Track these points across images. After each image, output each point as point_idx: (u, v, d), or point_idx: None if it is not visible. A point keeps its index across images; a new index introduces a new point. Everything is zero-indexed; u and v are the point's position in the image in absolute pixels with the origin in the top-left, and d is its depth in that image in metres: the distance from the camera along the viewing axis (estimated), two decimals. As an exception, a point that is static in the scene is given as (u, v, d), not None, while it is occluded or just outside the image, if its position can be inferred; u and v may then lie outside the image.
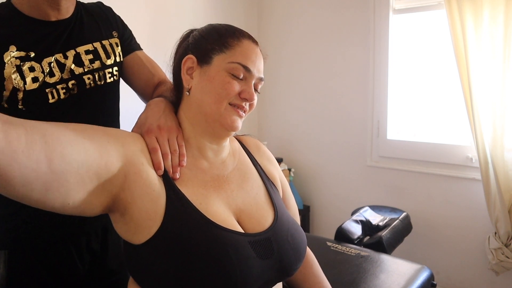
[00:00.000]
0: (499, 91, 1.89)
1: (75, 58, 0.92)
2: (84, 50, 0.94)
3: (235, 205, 0.79)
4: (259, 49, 0.80)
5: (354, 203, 2.45)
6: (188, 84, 0.79)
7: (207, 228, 0.69)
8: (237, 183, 0.82)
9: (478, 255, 2.13)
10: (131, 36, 1.10)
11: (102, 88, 0.98)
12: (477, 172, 2.05)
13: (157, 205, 0.69)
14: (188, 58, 0.79)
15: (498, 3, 1.83)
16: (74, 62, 0.91)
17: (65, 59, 0.90)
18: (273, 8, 2.87)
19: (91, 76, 0.94)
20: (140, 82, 1.08)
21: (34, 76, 0.86)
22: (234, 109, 0.77)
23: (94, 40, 0.96)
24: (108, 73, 0.98)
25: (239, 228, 0.75)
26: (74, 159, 0.60)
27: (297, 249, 0.80)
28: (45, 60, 0.87)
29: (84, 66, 0.93)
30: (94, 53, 0.95)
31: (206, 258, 0.67)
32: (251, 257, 0.71)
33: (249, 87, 0.77)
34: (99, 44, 0.97)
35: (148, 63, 1.09)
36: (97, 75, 0.96)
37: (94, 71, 0.95)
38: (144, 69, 1.07)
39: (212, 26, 0.83)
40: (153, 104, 0.83)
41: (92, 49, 0.95)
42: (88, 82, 0.94)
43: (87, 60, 0.94)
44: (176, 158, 0.74)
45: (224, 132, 0.79)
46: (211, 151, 0.81)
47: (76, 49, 0.92)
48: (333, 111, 2.63)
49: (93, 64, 0.95)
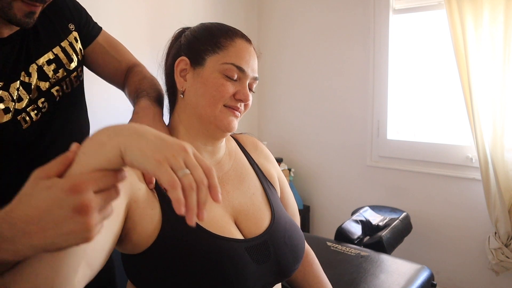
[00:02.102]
0: (499, 91, 1.89)
1: (39, 73, 0.83)
2: (45, 61, 0.85)
3: (232, 207, 0.78)
4: (252, 48, 0.79)
5: (354, 203, 2.45)
6: (182, 86, 0.78)
7: (202, 238, 0.69)
8: (233, 184, 0.81)
9: (478, 255, 2.13)
10: (87, 21, 0.98)
11: (71, 95, 0.92)
12: (477, 172, 2.05)
13: (154, 220, 0.68)
14: (181, 60, 0.77)
15: (498, 3, 1.83)
16: (39, 77, 0.83)
17: (28, 78, 0.81)
18: (273, 8, 2.87)
19: (58, 87, 0.87)
20: (108, 71, 1.01)
21: (5, 107, 0.77)
22: (229, 110, 0.75)
23: (53, 46, 0.87)
24: (73, 78, 0.92)
25: (237, 233, 0.75)
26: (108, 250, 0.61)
27: (295, 250, 0.79)
28: (12, 85, 0.78)
29: (49, 80, 0.85)
30: (56, 61, 0.87)
31: (202, 268, 0.66)
32: (247, 263, 0.70)
33: (243, 87, 0.76)
34: (59, 48, 0.88)
35: (111, 49, 1.00)
36: (64, 84, 0.89)
37: (60, 81, 0.88)
38: (109, 57, 0.99)
39: (204, 25, 0.81)
40: (141, 112, 0.78)
41: (53, 57, 0.87)
42: (57, 95, 0.87)
43: (51, 71, 0.86)
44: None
45: (220, 134, 0.78)
46: (206, 153, 0.80)
47: (37, 62, 0.83)
48: (333, 111, 2.63)
49: (57, 74, 0.87)
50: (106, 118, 1.85)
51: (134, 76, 0.96)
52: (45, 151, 0.88)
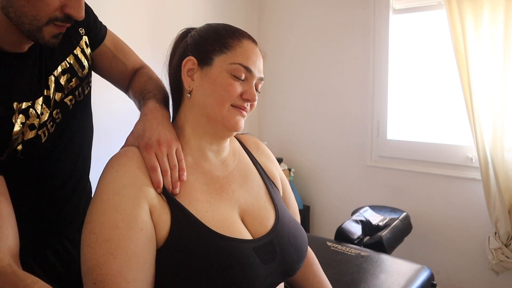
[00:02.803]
0: (499, 91, 1.89)
1: (56, 84, 0.82)
2: (60, 71, 0.84)
3: (238, 205, 0.79)
4: (258, 49, 0.80)
5: (354, 203, 2.45)
6: (189, 86, 0.78)
7: (210, 239, 0.69)
8: (238, 183, 0.82)
9: (478, 255, 2.13)
10: (95, 23, 0.95)
11: (82, 102, 0.92)
12: (477, 172, 2.05)
13: (166, 223, 0.69)
14: (188, 59, 0.78)
15: (498, 3, 1.83)
16: (55, 89, 0.82)
17: (47, 90, 0.80)
18: (273, 8, 2.87)
19: (72, 96, 0.87)
20: (114, 74, 1.00)
21: (30, 124, 0.77)
22: (237, 110, 0.76)
23: (67, 55, 0.85)
24: (85, 85, 0.91)
25: (245, 232, 0.75)
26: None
27: (299, 249, 0.80)
28: (36, 102, 0.78)
29: (63, 90, 0.84)
30: (70, 71, 0.86)
31: (209, 270, 0.66)
32: (254, 264, 0.71)
33: (250, 87, 0.77)
34: (72, 56, 0.87)
35: (118, 52, 0.99)
36: (77, 93, 0.89)
37: (74, 90, 0.87)
38: (116, 61, 0.98)
39: (211, 26, 0.82)
40: (150, 114, 0.79)
41: (67, 66, 0.85)
42: (70, 104, 0.87)
43: (65, 81, 0.85)
44: (175, 173, 0.73)
45: (227, 133, 0.79)
46: (211, 152, 0.81)
47: (54, 74, 0.82)
48: (333, 111, 2.63)
49: (71, 84, 0.86)
50: (105, 118, 1.85)
51: (139, 77, 0.96)
52: (58, 160, 0.89)
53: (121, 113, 1.80)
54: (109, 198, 0.67)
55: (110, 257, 0.63)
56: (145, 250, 0.65)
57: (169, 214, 0.69)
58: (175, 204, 0.70)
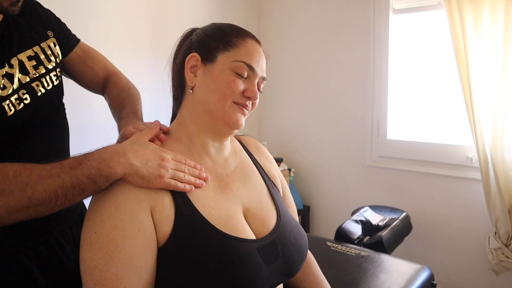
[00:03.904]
0: (499, 91, 1.89)
1: (20, 66, 0.89)
2: (26, 56, 0.91)
3: (242, 203, 0.79)
4: (262, 49, 0.81)
5: (354, 203, 2.45)
6: (192, 82, 0.79)
7: (213, 238, 0.69)
8: (240, 182, 0.82)
9: (478, 255, 2.13)
10: (66, 32, 1.05)
11: (51, 92, 0.97)
12: (477, 172, 2.05)
13: (170, 221, 0.69)
14: (192, 56, 0.79)
15: (498, 3, 1.83)
16: (20, 70, 0.88)
17: (11, 68, 0.87)
18: (273, 8, 2.87)
19: (39, 83, 0.93)
20: (85, 80, 1.07)
21: None
22: (238, 107, 0.77)
23: (33, 45, 0.93)
24: (53, 76, 0.97)
25: (249, 231, 0.75)
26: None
27: (300, 250, 0.80)
28: None
29: (29, 74, 0.91)
30: (36, 59, 0.93)
31: (213, 268, 0.66)
32: (258, 264, 0.71)
33: (252, 85, 0.78)
34: (39, 48, 0.94)
35: (88, 58, 1.07)
36: (44, 81, 0.94)
37: (40, 77, 0.93)
38: (85, 67, 1.06)
39: (216, 25, 0.83)
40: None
41: (33, 54, 0.92)
42: (38, 89, 0.92)
43: (31, 67, 0.91)
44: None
45: (228, 130, 0.79)
46: (213, 149, 0.81)
47: (18, 57, 0.89)
48: (333, 111, 2.63)
49: (37, 70, 0.92)
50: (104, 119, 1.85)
51: (112, 89, 1.03)
52: (26, 141, 0.92)
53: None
54: (111, 196, 0.67)
55: (108, 260, 0.63)
56: (142, 252, 0.65)
57: (173, 210, 0.69)
58: (182, 199, 0.71)
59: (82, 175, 0.67)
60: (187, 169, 0.74)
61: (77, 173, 0.67)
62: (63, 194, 0.66)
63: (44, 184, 0.66)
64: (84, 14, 1.88)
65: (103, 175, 0.67)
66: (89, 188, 0.67)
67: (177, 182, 0.71)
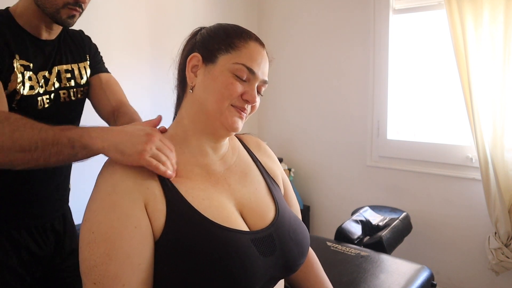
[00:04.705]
0: (499, 91, 1.89)
1: (57, 75, 1.07)
2: (64, 69, 1.09)
3: (235, 199, 0.79)
4: (265, 52, 0.80)
5: (354, 203, 2.45)
6: (192, 82, 0.79)
7: (208, 228, 0.69)
8: (235, 178, 0.82)
9: (478, 255, 2.13)
10: (101, 61, 1.22)
11: (73, 103, 1.12)
12: (477, 172, 2.05)
13: (162, 213, 0.69)
14: (193, 56, 0.79)
15: (498, 3, 1.83)
16: (56, 78, 1.07)
17: (49, 75, 1.05)
18: (273, 8, 2.87)
19: (66, 91, 1.09)
20: (99, 105, 1.17)
21: (31, 85, 1.00)
22: (235, 110, 0.77)
23: (73, 62, 1.12)
24: (80, 91, 1.13)
25: (242, 224, 0.75)
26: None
27: (300, 245, 0.80)
28: (40, 73, 1.02)
29: (61, 83, 1.08)
30: (71, 73, 1.11)
31: (208, 259, 0.67)
32: (253, 255, 0.71)
33: (251, 89, 0.77)
34: (76, 66, 1.13)
35: (107, 87, 1.17)
36: (72, 92, 1.11)
37: (69, 88, 1.10)
38: (102, 93, 1.16)
39: (221, 25, 0.83)
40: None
41: (70, 69, 1.11)
42: (63, 97, 1.09)
43: (65, 79, 1.09)
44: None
45: (224, 132, 0.79)
46: (210, 148, 0.81)
47: (58, 68, 1.08)
48: (333, 111, 2.63)
49: (69, 82, 1.10)
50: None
51: (121, 118, 1.12)
52: None
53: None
54: (106, 196, 0.68)
55: (106, 258, 0.63)
56: (139, 249, 0.65)
57: (164, 203, 0.70)
58: (172, 192, 0.71)
59: (64, 136, 0.73)
60: (172, 156, 0.73)
61: (61, 133, 0.74)
62: (42, 148, 0.73)
63: (31, 133, 0.74)
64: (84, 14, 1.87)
65: (82, 143, 0.73)
66: (66, 151, 0.73)
67: (158, 164, 0.70)
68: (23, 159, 0.74)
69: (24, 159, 0.74)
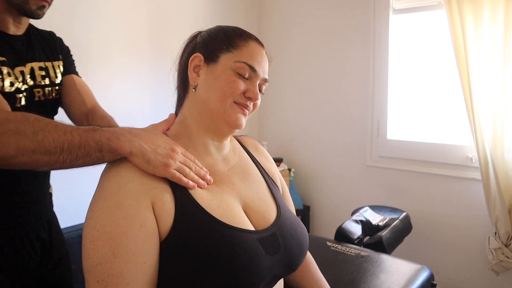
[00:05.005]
0: (499, 91, 1.89)
1: (31, 72, 1.04)
2: (38, 66, 1.05)
3: (240, 198, 0.80)
4: (264, 51, 0.82)
5: (354, 203, 2.45)
6: (195, 81, 0.81)
7: (215, 228, 0.70)
8: (238, 178, 0.83)
9: (478, 255, 2.13)
10: (73, 64, 1.20)
11: (47, 102, 1.09)
12: (477, 172, 2.05)
13: (170, 213, 0.69)
14: (195, 56, 0.81)
15: (498, 3, 1.83)
16: (30, 75, 1.03)
17: (23, 67, 1.01)
18: (273, 9, 2.87)
19: (40, 90, 1.06)
20: (72, 105, 1.14)
21: (11, 81, 0.96)
22: (238, 107, 0.78)
23: (46, 60, 1.09)
24: (55, 90, 1.10)
25: (248, 224, 0.76)
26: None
27: (300, 243, 0.81)
28: (16, 68, 0.99)
29: (35, 81, 1.04)
30: (45, 71, 1.08)
31: (216, 259, 0.67)
32: (259, 254, 0.72)
33: (253, 86, 0.79)
34: (50, 64, 1.10)
35: (81, 88, 1.15)
36: (47, 91, 1.08)
37: (44, 86, 1.07)
38: (75, 92, 1.14)
39: (221, 27, 0.85)
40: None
41: (44, 66, 1.08)
42: (38, 96, 1.05)
43: (40, 76, 1.05)
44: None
45: (228, 130, 0.80)
46: (213, 147, 0.83)
47: (32, 64, 1.04)
48: (333, 111, 2.63)
49: (44, 80, 1.07)
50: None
51: (99, 121, 1.11)
52: None
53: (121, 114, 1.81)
54: (112, 194, 0.68)
55: (111, 256, 0.63)
56: (144, 248, 0.65)
57: (173, 204, 0.70)
58: (181, 192, 0.72)
59: (91, 138, 0.70)
60: (194, 167, 0.75)
61: (88, 135, 0.71)
62: (68, 150, 0.70)
63: (55, 135, 0.71)
64: (84, 14, 1.87)
65: (110, 146, 0.70)
66: (94, 154, 0.71)
67: (181, 176, 0.72)
68: (48, 161, 0.71)
69: (50, 161, 0.71)
